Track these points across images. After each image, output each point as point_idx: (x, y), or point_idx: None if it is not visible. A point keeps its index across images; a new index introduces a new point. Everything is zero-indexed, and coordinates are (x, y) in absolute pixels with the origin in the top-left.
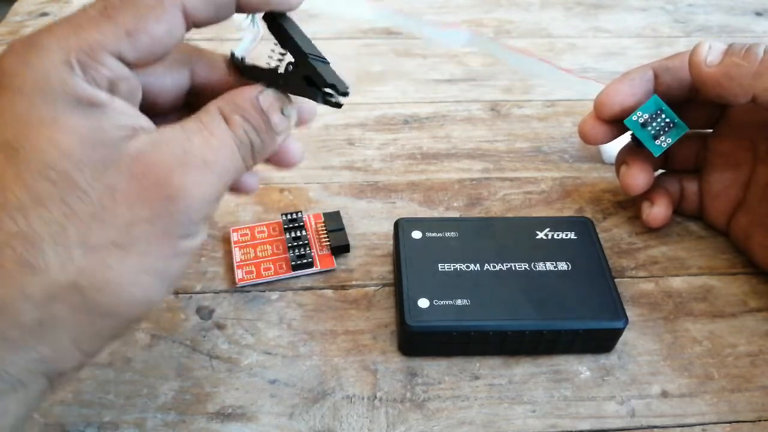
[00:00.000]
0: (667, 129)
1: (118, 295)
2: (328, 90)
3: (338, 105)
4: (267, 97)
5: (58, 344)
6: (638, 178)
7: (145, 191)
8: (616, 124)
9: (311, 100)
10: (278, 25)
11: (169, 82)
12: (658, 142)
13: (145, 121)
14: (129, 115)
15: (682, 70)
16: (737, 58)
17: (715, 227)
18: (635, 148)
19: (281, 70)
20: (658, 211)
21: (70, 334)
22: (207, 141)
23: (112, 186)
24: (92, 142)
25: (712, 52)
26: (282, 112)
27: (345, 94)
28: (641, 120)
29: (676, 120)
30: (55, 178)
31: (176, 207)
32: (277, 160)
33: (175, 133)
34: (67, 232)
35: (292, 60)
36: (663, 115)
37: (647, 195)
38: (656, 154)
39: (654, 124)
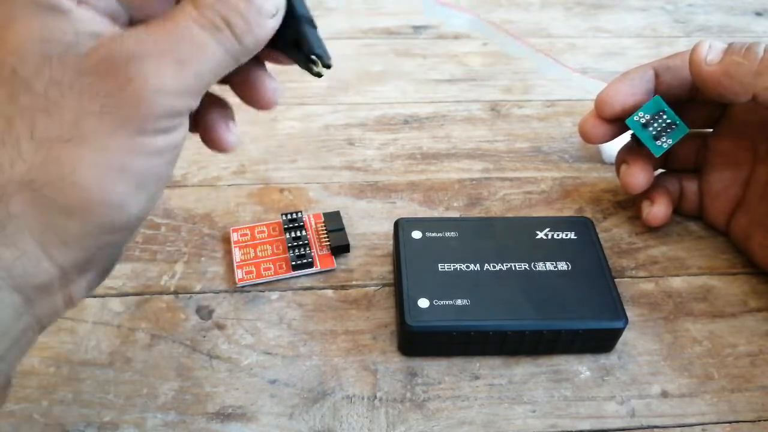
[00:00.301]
0: (668, 130)
1: (74, 190)
2: (313, 58)
3: (319, 75)
4: None
5: (20, 246)
6: (638, 177)
7: (95, 83)
8: (617, 123)
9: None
10: None
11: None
12: (659, 142)
13: (119, 32)
14: (96, 23)
15: (683, 69)
16: (737, 56)
17: (714, 227)
18: (635, 147)
19: None
20: (658, 210)
21: (32, 235)
22: (169, 31)
23: (59, 79)
24: (43, 39)
25: (712, 51)
26: None
27: (328, 66)
28: (642, 120)
29: (678, 121)
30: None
31: (129, 98)
32: (250, 95)
33: (136, 29)
34: (13, 127)
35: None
36: (664, 116)
37: (647, 194)
38: (657, 155)
39: (655, 124)
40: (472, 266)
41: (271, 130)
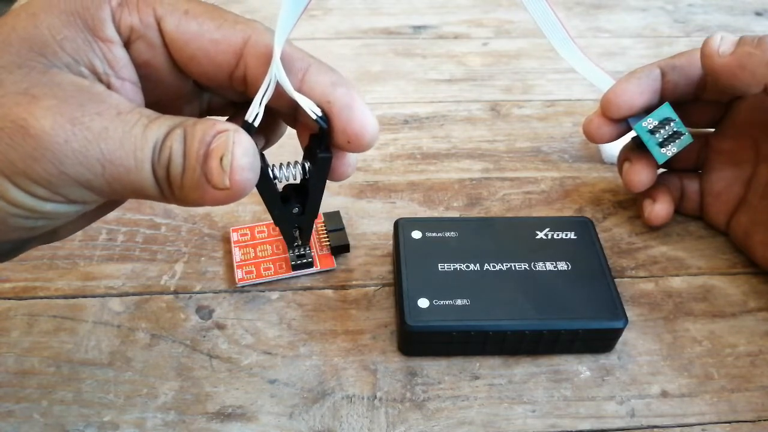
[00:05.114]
0: (674, 138)
1: None
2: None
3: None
4: (229, 138)
5: None
6: (641, 175)
7: (12, 107)
8: (622, 123)
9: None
10: (320, 162)
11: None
12: (663, 150)
13: (114, 86)
14: (108, 63)
15: (689, 68)
16: (750, 47)
17: (715, 227)
18: (638, 146)
19: (288, 177)
20: (660, 208)
21: None
22: (117, 120)
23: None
24: (34, 46)
25: (724, 43)
26: (221, 162)
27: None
28: (650, 126)
29: (684, 130)
30: None
31: (23, 143)
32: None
33: (106, 96)
34: None
35: (300, 201)
36: (672, 124)
37: (649, 193)
38: (660, 162)
39: (662, 131)
40: (472, 266)
41: None
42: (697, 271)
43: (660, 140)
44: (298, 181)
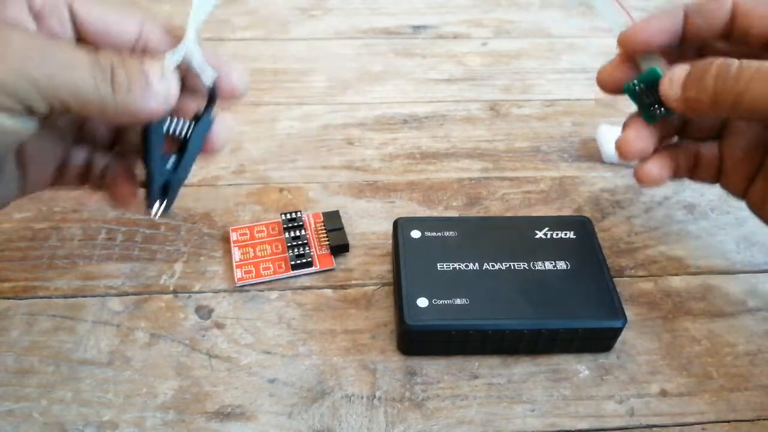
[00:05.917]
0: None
1: None
2: (156, 206)
3: (148, 213)
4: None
5: None
6: (631, 142)
7: None
8: (636, 67)
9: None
10: (203, 120)
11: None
12: (653, 110)
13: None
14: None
15: (716, 12)
16: (694, 92)
17: (732, 193)
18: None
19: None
20: (650, 167)
21: None
22: (47, 38)
23: None
24: None
25: (673, 86)
26: (163, 73)
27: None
28: (637, 89)
29: None
30: None
31: None
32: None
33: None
34: None
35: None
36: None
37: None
38: (649, 123)
39: (652, 98)
40: (471, 265)
41: (271, 129)
42: (696, 270)
43: (648, 101)
44: (183, 132)
